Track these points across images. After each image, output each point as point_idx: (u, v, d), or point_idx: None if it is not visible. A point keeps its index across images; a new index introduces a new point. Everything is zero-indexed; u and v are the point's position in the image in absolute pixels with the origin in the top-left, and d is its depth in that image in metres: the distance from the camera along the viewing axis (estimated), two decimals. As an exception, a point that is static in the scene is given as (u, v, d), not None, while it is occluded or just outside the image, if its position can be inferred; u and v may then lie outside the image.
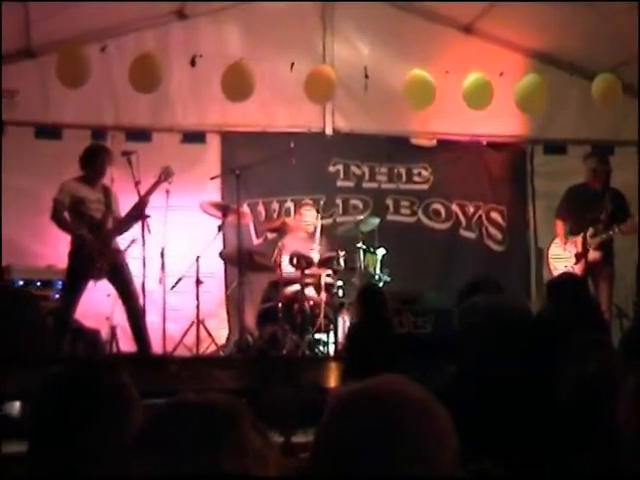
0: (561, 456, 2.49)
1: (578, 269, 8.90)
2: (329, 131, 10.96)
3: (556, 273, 8.69)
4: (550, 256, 9.42)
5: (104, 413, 2.19)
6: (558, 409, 2.62)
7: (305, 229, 9.94)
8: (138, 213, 8.36)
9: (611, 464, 2.16)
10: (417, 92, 10.01)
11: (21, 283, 8.98)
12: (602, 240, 8.95)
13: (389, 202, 11.02)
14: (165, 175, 8.57)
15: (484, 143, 11.16)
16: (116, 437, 2.08)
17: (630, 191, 9.54)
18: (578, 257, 9.01)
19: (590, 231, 8.95)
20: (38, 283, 9.05)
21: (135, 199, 8.38)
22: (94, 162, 8.37)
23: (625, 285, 9.96)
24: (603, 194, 9.09)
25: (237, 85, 9.59)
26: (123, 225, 8.44)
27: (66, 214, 8.25)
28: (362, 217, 10.37)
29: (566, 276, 6.45)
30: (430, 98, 9.99)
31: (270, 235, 10.37)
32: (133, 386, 2.32)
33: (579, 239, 9.05)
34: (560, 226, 9.39)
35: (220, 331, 9.86)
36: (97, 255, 8.13)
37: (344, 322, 9.02)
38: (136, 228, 8.40)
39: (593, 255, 8.95)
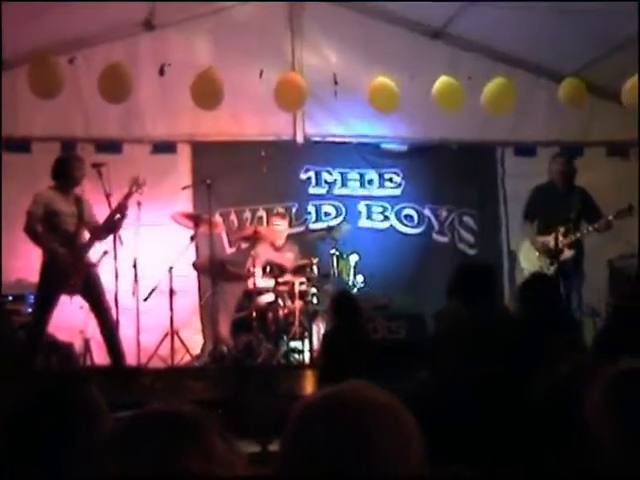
0: (534, 456, 2.49)
1: (551, 269, 8.93)
2: (300, 139, 10.95)
3: (527, 274, 8.71)
4: (521, 258, 9.46)
5: (72, 426, 2.18)
6: (531, 410, 2.63)
7: (278, 238, 9.94)
8: (112, 226, 8.32)
9: (583, 463, 2.17)
10: (381, 98, 10.03)
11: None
12: (575, 239, 8.99)
13: (361, 208, 11.04)
14: (136, 186, 8.54)
15: (454, 147, 11.19)
16: (84, 450, 2.06)
17: (599, 191, 9.58)
18: (551, 257, 9.05)
19: (561, 230, 8.99)
20: (9, 297, 9.00)
21: (106, 211, 8.35)
22: (67, 171, 8.32)
23: (597, 285, 10.02)
24: (569, 193, 9.14)
25: (207, 93, 9.56)
26: (96, 237, 8.39)
27: (39, 226, 8.19)
28: (334, 224, 10.38)
29: (537, 277, 6.49)
30: (395, 103, 10.02)
31: (243, 244, 10.34)
32: (102, 399, 2.30)
33: (551, 239, 9.09)
34: (528, 227, 9.45)
35: (195, 341, 9.83)
36: (71, 270, 8.08)
37: (319, 329, 9.01)
38: (108, 240, 8.37)
39: (566, 254, 8.99)
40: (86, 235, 8.39)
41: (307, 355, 8.94)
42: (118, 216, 8.32)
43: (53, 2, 8.69)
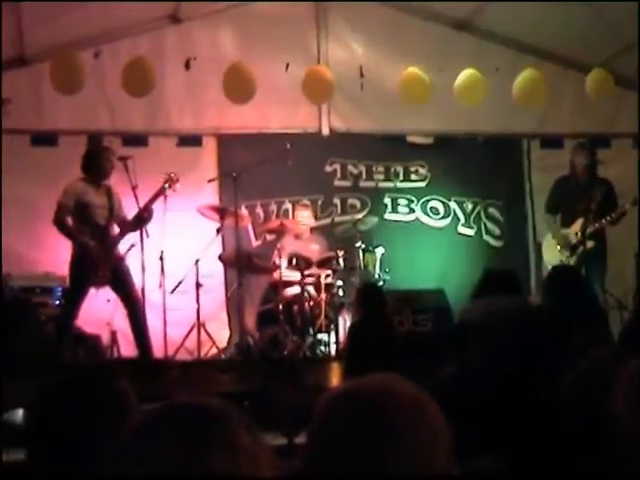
0: (560, 450, 2.49)
1: (571, 261, 8.90)
2: (325, 131, 10.94)
3: (550, 268, 8.67)
4: (544, 251, 9.42)
5: (103, 419, 2.19)
6: (558, 404, 2.62)
7: (303, 230, 9.95)
8: (142, 221, 8.36)
9: (610, 458, 2.16)
10: (413, 90, 10.00)
11: (20, 291, 8.97)
12: (594, 229, 8.94)
13: (387, 200, 11.02)
14: (170, 183, 8.59)
15: (481, 139, 11.16)
16: (114, 442, 2.07)
17: (627, 182, 9.54)
18: (573, 248, 9.00)
19: (581, 222, 8.92)
20: (37, 290, 9.06)
21: (133, 204, 8.38)
22: (98, 164, 8.37)
23: (624, 278, 9.98)
24: (590, 184, 9.06)
25: (239, 86, 9.55)
26: (126, 231, 8.43)
27: (69, 218, 8.23)
28: (360, 216, 10.37)
29: (561, 269, 6.46)
30: (426, 95, 9.98)
31: (269, 236, 10.36)
32: (131, 391, 2.32)
33: (572, 230, 9.04)
34: (551, 220, 9.41)
35: (221, 334, 9.85)
36: (101, 263, 8.12)
37: (345, 322, 9.00)
38: (135, 233, 8.40)
39: (587, 245, 8.93)
40: (116, 228, 8.44)
41: (333, 347, 8.94)
42: (146, 214, 8.36)
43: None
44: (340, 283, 9.38)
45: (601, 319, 6.01)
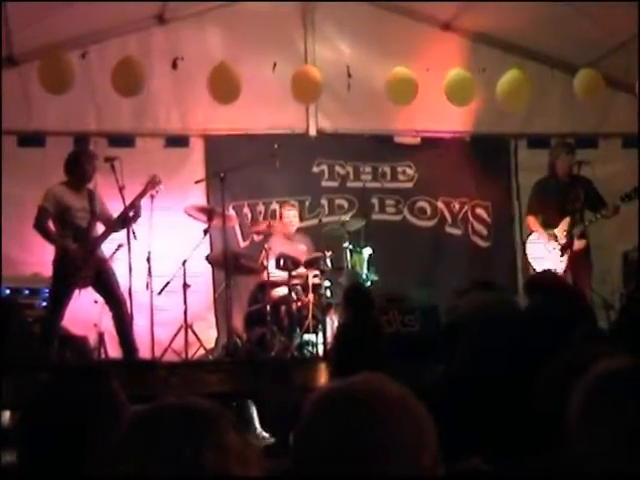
0: (550, 453, 2.48)
1: (564, 261, 8.90)
2: (313, 132, 10.95)
3: (539, 269, 8.68)
4: (529, 254, 9.38)
5: (93, 421, 2.19)
6: (531, 404, 2.61)
7: (290, 230, 9.95)
8: (129, 220, 8.34)
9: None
10: (399, 89, 10.02)
11: (7, 292, 8.95)
12: (584, 228, 8.94)
13: (374, 201, 11.02)
14: (152, 184, 8.56)
15: (468, 139, 11.17)
16: (106, 444, 2.07)
17: (616, 182, 9.55)
18: (564, 249, 8.99)
19: (569, 221, 8.93)
20: (25, 291, 9.03)
21: (119, 204, 8.36)
22: (79, 167, 8.35)
23: (611, 277, 10.00)
24: (571, 183, 9.06)
25: (225, 86, 9.56)
26: (112, 229, 8.41)
27: (50, 222, 8.22)
28: (348, 217, 10.37)
29: (544, 273, 6.46)
30: (412, 94, 10.00)
31: (256, 237, 10.36)
32: (122, 392, 2.32)
33: (560, 231, 9.04)
34: (534, 222, 9.38)
35: (209, 335, 9.84)
36: (82, 264, 8.10)
37: (332, 322, 9.00)
38: (122, 233, 8.38)
39: (578, 244, 8.94)
40: (99, 229, 8.42)
41: (320, 348, 8.94)
42: (132, 214, 8.34)
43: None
44: (327, 284, 9.38)
45: (590, 317, 6.03)
